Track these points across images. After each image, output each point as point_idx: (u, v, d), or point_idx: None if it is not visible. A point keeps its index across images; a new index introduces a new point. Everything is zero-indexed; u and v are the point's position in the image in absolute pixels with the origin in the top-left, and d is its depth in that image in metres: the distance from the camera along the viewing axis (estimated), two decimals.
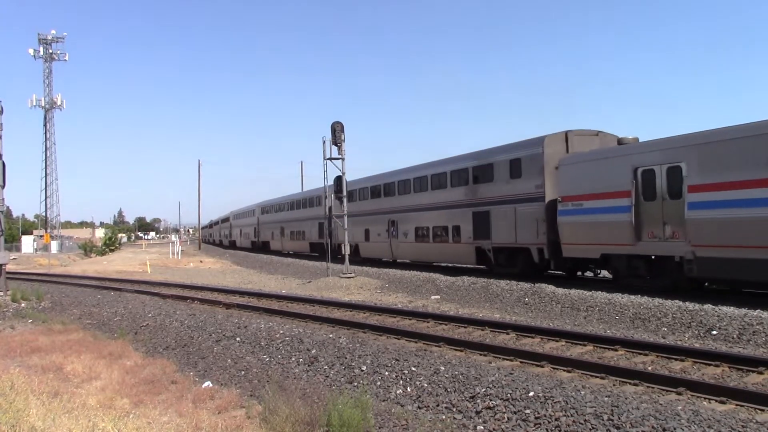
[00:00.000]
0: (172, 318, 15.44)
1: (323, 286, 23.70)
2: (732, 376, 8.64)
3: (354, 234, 30.42)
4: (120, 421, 6.29)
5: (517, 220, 19.54)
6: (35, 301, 20.57)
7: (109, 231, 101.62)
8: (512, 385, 7.69)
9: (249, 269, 39.65)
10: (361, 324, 13.53)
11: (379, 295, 20.61)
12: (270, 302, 18.95)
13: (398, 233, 27.85)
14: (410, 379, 8.56)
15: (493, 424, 6.86)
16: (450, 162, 24.62)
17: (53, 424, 5.99)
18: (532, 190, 18.99)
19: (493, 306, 16.71)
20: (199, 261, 50.81)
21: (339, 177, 26.23)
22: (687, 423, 6.07)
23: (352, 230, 29.26)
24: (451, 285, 20.00)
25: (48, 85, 74.85)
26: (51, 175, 76.14)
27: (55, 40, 75.23)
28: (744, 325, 11.28)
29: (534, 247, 18.82)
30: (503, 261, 20.77)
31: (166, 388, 8.71)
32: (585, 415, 6.53)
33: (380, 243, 29.98)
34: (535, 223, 18.68)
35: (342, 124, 25.69)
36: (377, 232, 30.15)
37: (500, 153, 21.08)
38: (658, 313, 12.97)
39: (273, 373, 9.62)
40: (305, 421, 6.36)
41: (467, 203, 22.50)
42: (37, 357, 11.03)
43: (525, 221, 19.18)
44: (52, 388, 8.22)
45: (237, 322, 13.98)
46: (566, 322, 13.76)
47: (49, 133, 75.25)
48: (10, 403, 6.57)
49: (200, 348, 11.99)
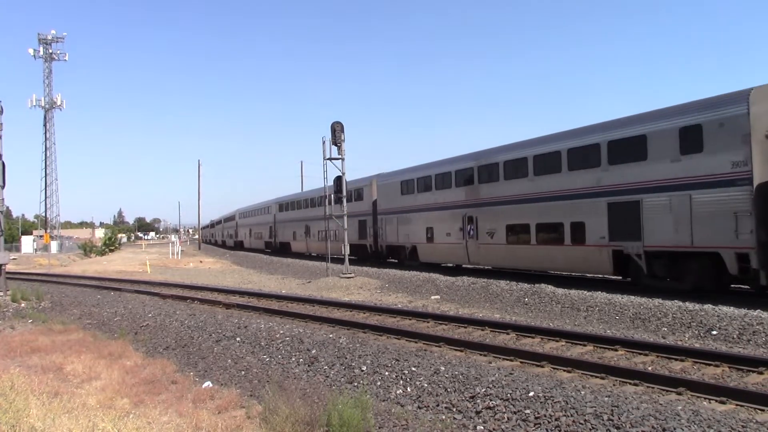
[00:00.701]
0: (172, 318, 15.43)
1: (323, 286, 23.69)
2: (732, 376, 8.63)
3: (410, 233, 27.33)
4: (120, 421, 6.29)
5: (693, 214, 14.32)
6: (35, 301, 20.57)
7: (108, 231, 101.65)
8: (512, 385, 7.69)
9: (249, 269, 39.63)
10: (361, 324, 13.52)
11: (379, 295, 20.60)
12: (270, 302, 18.94)
13: (478, 232, 22.41)
14: (410, 379, 8.56)
15: (493, 424, 6.86)
16: (566, 137, 18.89)
17: (53, 424, 5.99)
18: (726, 170, 13.71)
19: (493, 306, 16.71)
20: (199, 261, 50.78)
21: (339, 177, 26.23)
22: (687, 423, 6.07)
23: (408, 228, 27.25)
24: (451, 285, 19.99)
25: (48, 85, 74.79)
26: (51, 175, 76.06)
27: (55, 40, 75.13)
28: (744, 325, 11.28)
29: (729, 252, 13.64)
30: (662, 271, 15.72)
31: (166, 388, 8.71)
32: (585, 415, 6.53)
33: (450, 245, 24.32)
34: (732, 218, 13.52)
35: (342, 124, 25.69)
36: (445, 230, 24.63)
37: (659, 119, 15.62)
38: (658, 313, 12.97)
39: (273, 373, 9.62)
40: (305, 421, 6.36)
41: (598, 191, 17.05)
42: (37, 357, 11.03)
43: (710, 215, 14.02)
44: (52, 388, 8.22)
45: (237, 322, 13.98)
46: (566, 322, 13.76)
47: (49, 133, 75.13)
48: (10, 403, 6.57)
49: (200, 348, 11.99)
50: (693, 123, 14.50)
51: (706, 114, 14.26)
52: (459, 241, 23.61)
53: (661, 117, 15.55)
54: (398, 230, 28.67)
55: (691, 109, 14.84)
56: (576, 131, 18.76)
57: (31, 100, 73.09)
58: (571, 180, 18.07)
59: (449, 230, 24.28)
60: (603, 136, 17.15)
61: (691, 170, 14.42)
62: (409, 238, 27.37)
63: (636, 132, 16.03)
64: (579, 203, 17.67)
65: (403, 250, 28.51)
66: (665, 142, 15.09)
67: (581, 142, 17.98)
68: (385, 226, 29.19)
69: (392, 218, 29.13)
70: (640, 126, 16.03)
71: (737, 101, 13.65)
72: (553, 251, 18.83)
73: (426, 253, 26.52)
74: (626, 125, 16.63)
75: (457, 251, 24.00)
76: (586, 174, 17.52)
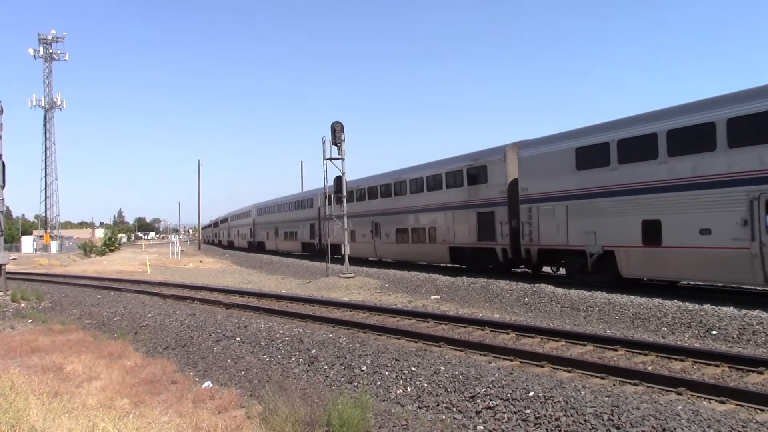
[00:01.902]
0: (172, 318, 15.44)
1: (323, 286, 23.69)
2: (732, 376, 8.63)
3: (613, 230, 16.49)
4: (120, 421, 6.29)
5: None
6: (35, 301, 20.55)
7: (108, 231, 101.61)
8: (512, 385, 7.69)
9: (249, 269, 39.63)
10: (361, 324, 13.52)
11: (379, 295, 20.59)
12: (270, 302, 18.94)
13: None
14: (410, 379, 8.56)
15: (493, 424, 6.86)
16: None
17: (53, 424, 5.99)
18: None
19: (493, 306, 16.70)
20: (199, 261, 50.78)
21: (339, 177, 26.18)
22: (687, 423, 6.07)
23: (604, 223, 16.25)
24: (450, 285, 19.98)
25: (48, 85, 74.78)
26: (51, 175, 76.07)
27: (55, 40, 75.12)
28: (744, 325, 11.29)
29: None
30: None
31: (166, 388, 8.70)
32: (585, 415, 6.53)
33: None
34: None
35: (342, 124, 25.67)
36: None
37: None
38: (658, 313, 12.97)
39: (273, 373, 9.62)
40: (305, 421, 6.36)
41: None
42: (37, 357, 11.02)
43: None
44: (52, 388, 8.21)
45: (237, 322, 13.98)
46: (566, 322, 13.76)
47: (49, 133, 75.16)
48: (10, 403, 6.56)
49: (200, 348, 11.98)
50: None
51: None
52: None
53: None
54: (575, 226, 17.75)
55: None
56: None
57: (31, 100, 73.19)
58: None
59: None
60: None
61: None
62: (614, 237, 16.49)
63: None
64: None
65: (583, 259, 17.48)
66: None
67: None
68: (538, 220, 19.05)
69: (559, 207, 18.26)
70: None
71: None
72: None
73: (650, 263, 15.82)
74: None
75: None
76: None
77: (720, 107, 14.05)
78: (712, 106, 14.32)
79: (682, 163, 14.67)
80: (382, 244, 30.05)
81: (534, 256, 19.65)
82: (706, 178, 14.14)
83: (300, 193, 46.79)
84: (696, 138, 14.37)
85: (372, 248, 31.33)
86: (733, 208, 13.48)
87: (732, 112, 13.66)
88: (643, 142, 15.60)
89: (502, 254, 21.16)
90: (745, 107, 13.45)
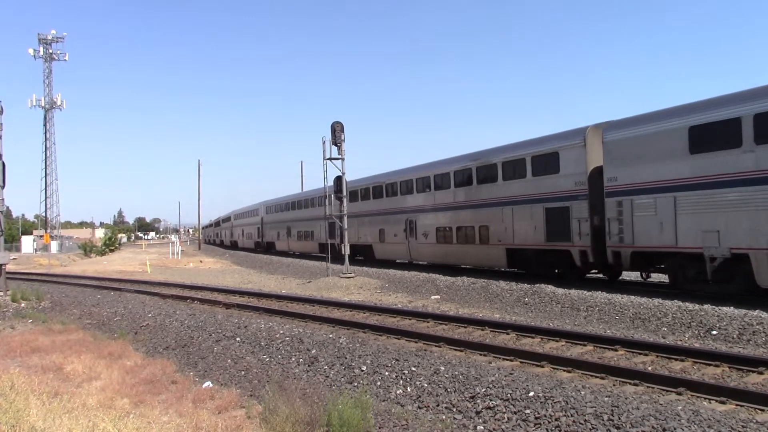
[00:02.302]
0: (172, 318, 15.44)
1: (323, 286, 23.68)
2: (732, 376, 8.63)
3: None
4: (120, 421, 6.29)
5: None
6: (35, 301, 20.56)
7: (108, 231, 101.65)
8: (512, 385, 7.69)
9: (249, 269, 39.62)
10: (361, 324, 13.52)
11: (379, 295, 20.59)
12: (270, 302, 18.94)
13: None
14: (410, 379, 8.56)
15: (493, 424, 6.86)
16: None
17: (53, 424, 5.99)
18: None
19: (493, 306, 16.70)
20: (199, 261, 50.78)
21: (339, 177, 26.19)
22: (687, 423, 6.07)
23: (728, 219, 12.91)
24: (450, 285, 19.98)
25: (48, 85, 74.82)
26: (51, 175, 76.10)
27: (55, 40, 75.16)
28: (744, 325, 11.28)
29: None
30: None
31: (166, 388, 8.70)
32: (585, 415, 6.53)
33: None
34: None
35: (342, 124, 25.68)
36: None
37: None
38: (658, 313, 12.96)
39: (273, 373, 9.62)
40: (305, 421, 6.36)
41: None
42: (37, 357, 11.02)
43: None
44: (52, 388, 8.21)
45: (237, 322, 13.98)
46: (566, 322, 13.76)
47: (49, 133, 75.20)
48: (10, 403, 6.56)
49: (200, 348, 11.98)
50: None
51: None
52: None
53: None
54: (688, 223, 14.52)
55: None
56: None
57: (31, 100, 73.23)
58: None
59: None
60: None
61: None
62: (748, 237, 13.31)
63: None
64: None
65: (699, 265, 14.42)
66: None
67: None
68: (632, 216, 15.82)
69: (664, 201, 14.99)
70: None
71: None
72: None
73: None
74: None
75: None
76: None
77: None
78: None
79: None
80: (418, 245, 26.94)
81: (626, 260, 16.30)
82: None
83: (317, 189, 37.83)
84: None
85: (405, 249, 28.27)
86: None
87: None
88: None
89: (581, 257, 17.75)
90: None
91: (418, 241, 26.73)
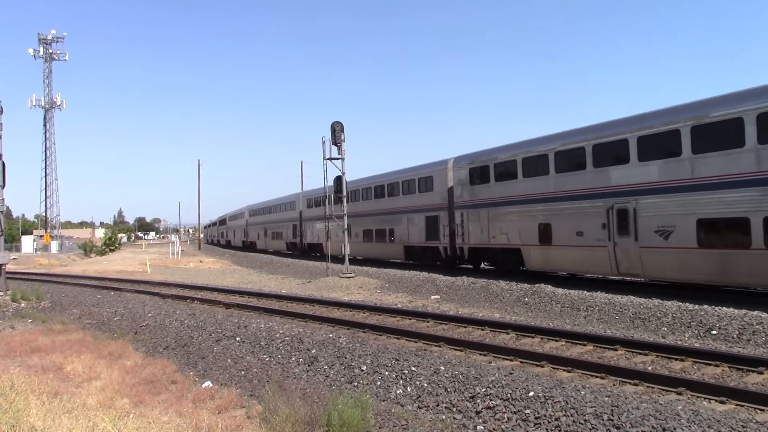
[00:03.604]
0: (172, 318, 15.44)
1: (323, 286, 23.68)
2: (732, 376, 8.63)
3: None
4: (120, 421, 6.28)
5: None
6: (35, 301, 20.56)
7: (108, 231, 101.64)
8: (512, 385, 7.69)
9: (249, 269, 39.61)
10: (361, 324, 13.52)
11: (379, 295, 20.59)
12: (270, 302, 18.93)
13: None
14: (410, 379, 8.56)
15: (493, 424, 6.86)
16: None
17: (53, 424, 5.98)
18: None
19: (493, 306, 16.70)
20: (199, 261, 50.76)
21: (339, 177, 26.17)
22: (687, 423, 6.07)
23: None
24: (450, 285, 19.98)
25: (48, 85, 74.79)
26: (51, 175, 76.07)
27: (55, 40, 75.15)
28: (744, 325, 11.28)
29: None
30: None
31: (166, 388, 8.70)
32: (585, 415, 6.53)
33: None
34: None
35: (342, 124, 25.65)
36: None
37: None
38: (658, 312, 12.96)
39: (273, 373, 9.62)
40: (305, 421, 6.36)
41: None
42: (37, 357, 11.02)
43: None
44: (52, 388, 8.21)
45: (237, 322, 13.98)
46: (566, 322, 13.75)
47: (48, 133, 75.17)
48: (10, 403, 6.56)
49: (200, 348, 11.98)
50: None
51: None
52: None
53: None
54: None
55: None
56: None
57: (31, 100, 73.22)
58: None
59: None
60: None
61: None
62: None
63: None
64: None
65: None
66: None
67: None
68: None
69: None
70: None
71: None
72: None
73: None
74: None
75: None
76: None
77: None
78: None
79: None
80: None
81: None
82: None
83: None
84: None
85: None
86: None
87: None
88: None
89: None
90: None
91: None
